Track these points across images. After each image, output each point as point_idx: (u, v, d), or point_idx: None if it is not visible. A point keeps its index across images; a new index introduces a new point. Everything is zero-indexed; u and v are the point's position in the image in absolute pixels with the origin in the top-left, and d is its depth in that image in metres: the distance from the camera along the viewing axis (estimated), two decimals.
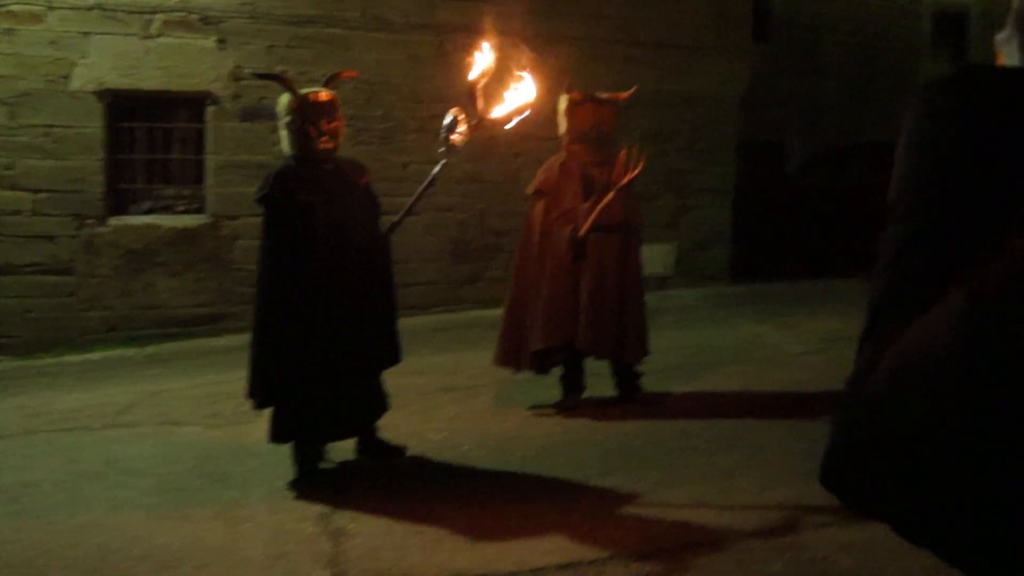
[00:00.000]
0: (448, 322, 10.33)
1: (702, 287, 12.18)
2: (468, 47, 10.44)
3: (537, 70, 5.46)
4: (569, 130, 6.47)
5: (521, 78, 5.41)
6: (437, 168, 5.39)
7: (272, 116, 9.90)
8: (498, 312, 10.83)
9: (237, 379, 7.59)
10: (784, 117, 17.35)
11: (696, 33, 12.14)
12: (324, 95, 5.35)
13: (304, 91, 5.35)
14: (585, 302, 6.26)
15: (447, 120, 5.33)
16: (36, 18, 9.23)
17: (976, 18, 20.43)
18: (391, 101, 10.60)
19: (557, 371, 6.61)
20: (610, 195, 6.16)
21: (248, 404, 5.50)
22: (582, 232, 6.22)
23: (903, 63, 19.33)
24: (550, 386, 6.72)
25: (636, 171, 6.17)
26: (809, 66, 17.96)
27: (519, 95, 5.39)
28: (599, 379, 6.72)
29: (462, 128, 5.33)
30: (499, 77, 5.43)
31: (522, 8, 10.13)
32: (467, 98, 5.35)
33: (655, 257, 10.62)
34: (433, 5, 10.73)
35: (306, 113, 5.26)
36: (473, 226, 11.15)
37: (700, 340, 8.88)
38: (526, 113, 5.41)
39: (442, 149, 5.37)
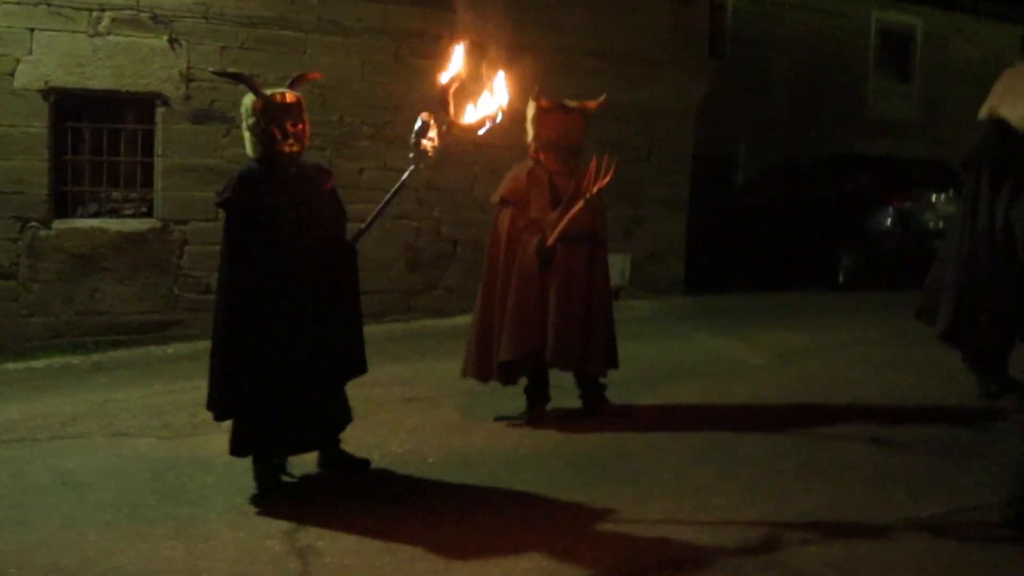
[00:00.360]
0: (403, 331, 10.17)
1: (656, 299, 12.14)
2: (426, 53, 10.37)
3: (508, 75, 5.32)
4: (537, 138, 6.34)
5: (492, 83, 5.27)
6: (406, 174, 5.22)
7: (224, 119, 9.78)
8: (453, 322, 10.83)
9: (188, 389, 7.42)
10: (734, 131, 17.43)
11: (654, 46, 12.12)
12: (290, 96, 5.16)
13: (269, 92, 5.16)
14: (552, 313, 6.13)
15: (417, 125, 5.16)
16: None
17: (922, 37, 20.70)
18: (345, 106, 10.43)
19: (521, 381, 6.47)
20: (579, 204, 6.03)
21: (202, 415, 5.30)
22: (550, 242, 6.08)
23: (851, 79, 19.53)
24: (513, 397, 6.58)
25: (606, 179, 6.04)
26: (759, 81, 18.09)
27: (491, 100, 5.25)
28: (562, 390, 6.59)
29: (432, 133, 5.16)
30: (470, 82, 5.29)
31: (482, 16, 9.99)
32: (438, 102, 5.19)
33: (610, 268, 10.56)
34: (389, 10, 10.59)
35: (271, 115, 5.06)
36: (428, 235, 10.99)
37: (659, 352, 8.80)
38: (498, 119, 5.27)
39: (412, 155, 5.20)
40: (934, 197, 13.50)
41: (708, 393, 7.27)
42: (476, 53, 5.29)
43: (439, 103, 5.16)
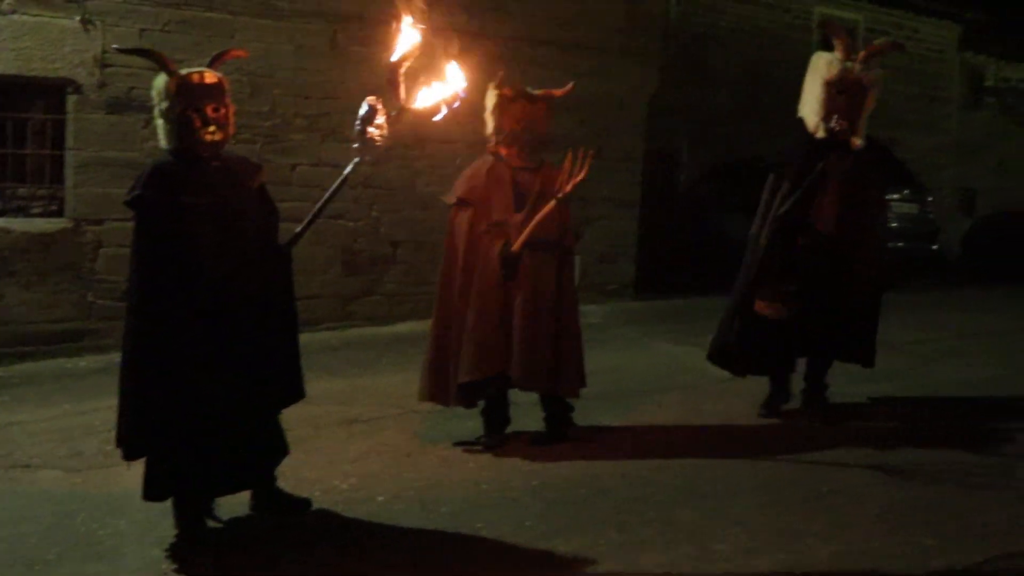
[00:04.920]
0: (339, 340, 9.40)
1: (606, 303, 11.51)
2: (365, 39, 9.59)
3: (466, 57, 4.64)
4: (498, 130, 5.63)
5: (449, 64, 4.59)
6: (349, 168, 4.49)
7: (144, 108, 8.90)
8: (393, 329, 10.09)
9: (102, 408, 6.53)
10: (676, 127, 16.92)
11: (604, 35, 11.49)
12: (209, 76, 4.40)
13: (185, 71, 4.40)
14: (518, 329, 5.44)
15: (363, 110, 4.43)
16: None
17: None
18: (277, 96, 9.62)
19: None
20: (550, 205, 5.35)
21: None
22: (516, 247, 5.40)
23: (792, 76, 19.06)
24: (466, 416, 5.89)
25: (581, 176, 5.36)
26: (700, 76, 17.59)
27: (448, 82, 4.55)
28: (520, 408, 5.92)
29: (380, 120, 4.44)
30: (423, 63, 4.58)
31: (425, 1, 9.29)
32: (387, 84, 4.47)
33: None
34: None
35: (188, 97, 4.31)
36: (366, 235, 10.23)
37: (617, 363, 8.15)
38: (456, 103, 4.58)
39: (356, 145, 4.47)
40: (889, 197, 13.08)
41: (678, 412, 6.67)
42: (429, 32, 4.59)
43: (388, 85, 4.44)
